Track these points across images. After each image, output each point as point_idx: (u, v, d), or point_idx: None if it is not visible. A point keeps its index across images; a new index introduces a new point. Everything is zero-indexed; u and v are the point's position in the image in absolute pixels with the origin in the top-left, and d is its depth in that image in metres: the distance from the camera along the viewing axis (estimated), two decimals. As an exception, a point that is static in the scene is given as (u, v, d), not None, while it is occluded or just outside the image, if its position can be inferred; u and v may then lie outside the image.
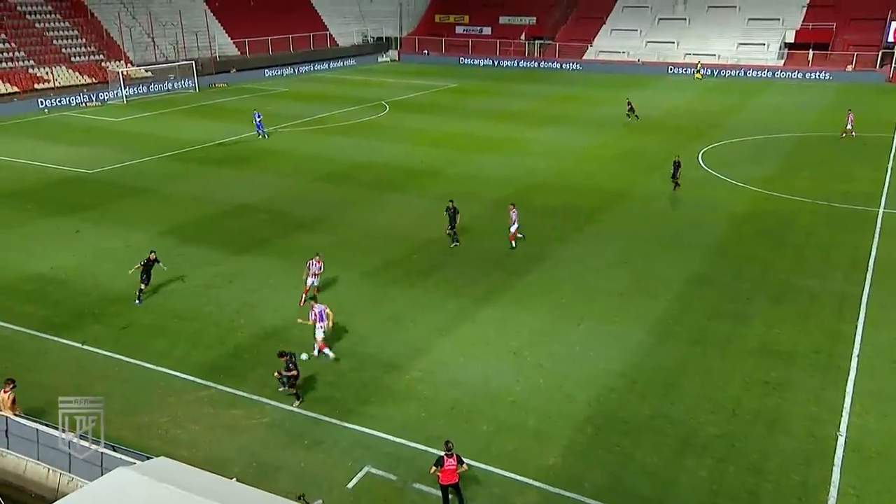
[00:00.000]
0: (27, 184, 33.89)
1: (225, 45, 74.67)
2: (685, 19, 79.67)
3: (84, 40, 63.96)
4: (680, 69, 72.79)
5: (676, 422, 15.84)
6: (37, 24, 62.61)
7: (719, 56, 73.75)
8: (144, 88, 60.02)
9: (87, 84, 58.60)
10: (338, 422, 15.86)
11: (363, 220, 28.50)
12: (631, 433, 15.51)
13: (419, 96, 59.79)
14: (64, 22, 64.94)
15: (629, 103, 47.81)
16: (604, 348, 18.84)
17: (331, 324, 18.28)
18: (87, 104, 55.14)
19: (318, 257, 21.37)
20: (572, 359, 18.40)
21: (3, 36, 59.47)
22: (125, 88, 57.46)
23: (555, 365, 18.11)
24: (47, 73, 57.69)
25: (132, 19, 69.29)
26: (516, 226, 25.41)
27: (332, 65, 79.17)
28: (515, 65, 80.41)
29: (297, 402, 16.44)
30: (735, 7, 78.28)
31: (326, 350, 18.37)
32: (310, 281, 21.23)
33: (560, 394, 16.89)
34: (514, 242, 25.47)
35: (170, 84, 61.99)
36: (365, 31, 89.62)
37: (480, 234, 27.03)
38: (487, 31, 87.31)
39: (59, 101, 54.24)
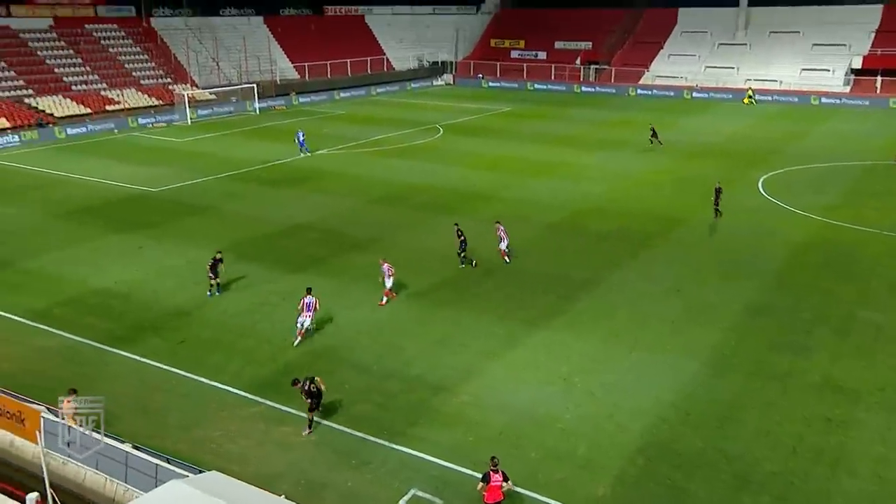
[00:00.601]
0: (96, 201, 35.14)
1: (286, 68, 76.44)
2: (746, 45, 78.30)
3: (153, 64, 66.51)
4: (739, 95, 71.40)
5: (732, 457, 15.34)
6: (110, 49, 65.48)
7: (781, 82, 72.13)
8: (208, 110, 61.79)
9: (155, 106, 60.66)
10: (385, 443, 15.81)
11: (415, 242, 28.58)
12: (684, 466, 15.05)
13: (473, 120, 60.05)
14: (135, 47, 67.75)
15: (652, 129, 46.69)
16: (656, 377, 18.41)
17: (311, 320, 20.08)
18: (154, 125, 56.94)
19: (387, 264, 22.67)
20: (624, 387, 18.02)
21: (79, 60, 62.41)
22: (190, 110, 59.23)
23: (606, 393, 17.78)
24: (118, 95, 59.99)
25: (199, 44, 71.72)
26: (506, 242, 25.84)
27: (388, 88, 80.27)
28: (570, 89, 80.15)
29: (306, 432, 16.09)
30: (799, 32, 76.56)
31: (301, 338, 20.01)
32: (388, 283, 22.52)
33: (611, 423, 16.57)
34: (507, 258, 25.99)
35: (232, 106, 63.67)
36: (421, 55, 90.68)
37: (532, 257, 26.87)
38: (543, 55, 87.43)
39: (129, 122, 56.22)
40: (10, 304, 23.04)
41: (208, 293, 23.40)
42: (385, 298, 22.70)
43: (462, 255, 25.80)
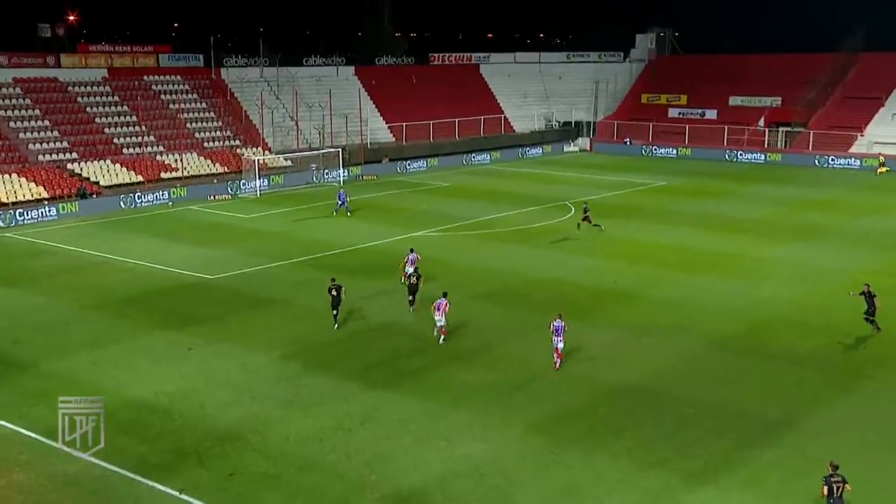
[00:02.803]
0: (141, 289, 36.83)
1: (378, 129, 79.97)
2: None
3: (220, 123, 71.09)
4: None
5: None
6: (171, 106, 70.36)
7: None
8: (282, 180, 64.93)
9: (219, 174, 64.44)
10: None
11: (533, 354, 28.35)
12: None
13: (615, 197, 60.36)
14: (200, 102, 72.81)
15: (585, 209, 46.64)
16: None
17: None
18: (216, 197, 60.03)
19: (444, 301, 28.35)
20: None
21: (134, 118, 67.39)
22: (260, 179, 62.32)
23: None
24: (176, 160, 64.02)
25: (276, 99, 76.33)
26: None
27: (506, 155, 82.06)
28: (749, 158, 79.42)
29: None
30: None
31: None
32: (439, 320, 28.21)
33: None
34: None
35: (311, 175, 66.74)
36: (549, 114, 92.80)
37: (693, 383, 26.16)
38: (712, 114, 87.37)
39: (186, 193, 59.53)
40: (29, 418, 23.68)
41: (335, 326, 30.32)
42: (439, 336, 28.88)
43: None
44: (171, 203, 58.01)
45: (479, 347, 29.23)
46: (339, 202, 52.40)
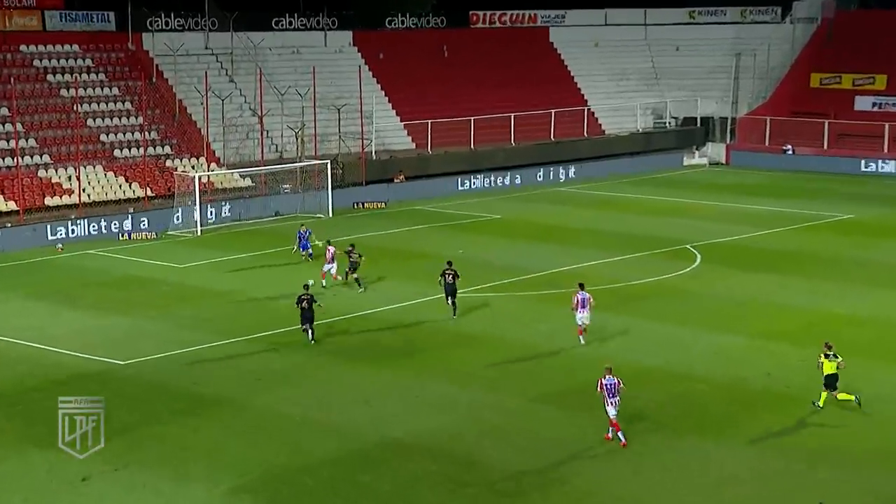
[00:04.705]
0: (9, 383, 36.23)
1: (390, 130, 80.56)
2: None
3: (140, 120, 70.12)
4: None
5: None
6: (63, 92, 70.14)
7: None
8: (235, 208, 64.81)
9: (136, 199, 64.12)
10: None
11: (629, 492, 28.10)
12: None
13: (767, 236, 60.47)
14: (110, 88, 72.71)
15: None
16: None
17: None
18: (133, 235, 59.74)
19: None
20: None
21: (4, 111, 67.02)
22: (202, 208, 61.88)
23: None
24: (70, 177, 63.47)
25: (228, 83, 76.34)
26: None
27: (589, 170, 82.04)
28: None
29: None
30: None
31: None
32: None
33: None
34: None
35: (281, 202, 66.46)
36: (660, 106, 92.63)
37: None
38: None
39: (86, 230, 59.08)
40: None
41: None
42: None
43: None
44: (61, 245, 57.83)
45: (538, 472, 28.95)
46: (299, 243, 53.55)
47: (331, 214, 66.61)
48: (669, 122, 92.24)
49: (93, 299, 47.47)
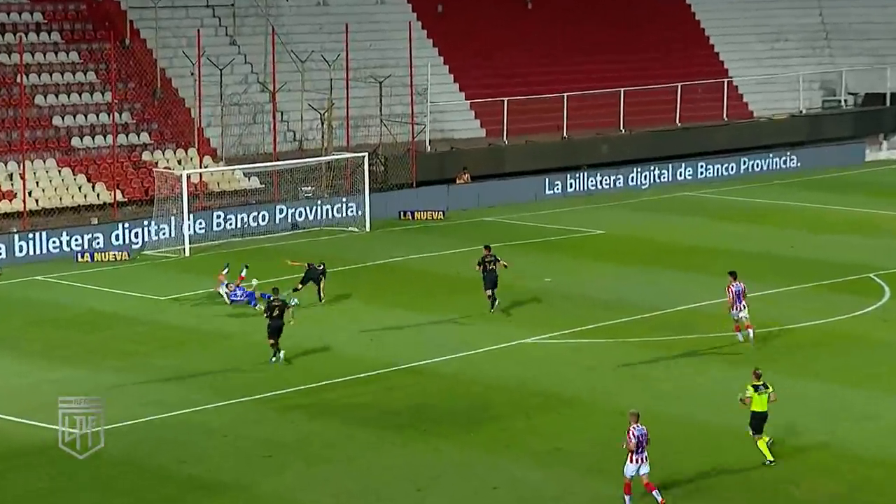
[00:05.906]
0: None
1: (450, 112, 75.41)
2: None
3: (110, 98, 64.51)
4: None
5: None
6: (2, 58, 64.93)
7: None
8: (236, 219, 60.23)
9: (101, 206, 59.98)
10: None
11: None
12: None
13: None
14: (67, 53, 66.63)
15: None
16: None
17: None
18: (96, 255, 55.70)
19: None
20: None
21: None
22: (191, 218, 57.16)
23: None
24: (11, 176, 59.07)
25: (229, 46, 71.02)
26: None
27: (732, 168, 76.33)
28: None
29: None
30: None
31: None
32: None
33: None
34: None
35: (302, 209, 61.85)
36: (832, 80, 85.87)
37: None
38: None
39: (32, 249, 54.99)
40: None
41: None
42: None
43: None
44: (0, 268, 53.19)
45: None
46: (229, 295, 46.28)
47: (367, 228, 61.06)
48: (845, 101, 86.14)
49: (41, 344, 42.53)
